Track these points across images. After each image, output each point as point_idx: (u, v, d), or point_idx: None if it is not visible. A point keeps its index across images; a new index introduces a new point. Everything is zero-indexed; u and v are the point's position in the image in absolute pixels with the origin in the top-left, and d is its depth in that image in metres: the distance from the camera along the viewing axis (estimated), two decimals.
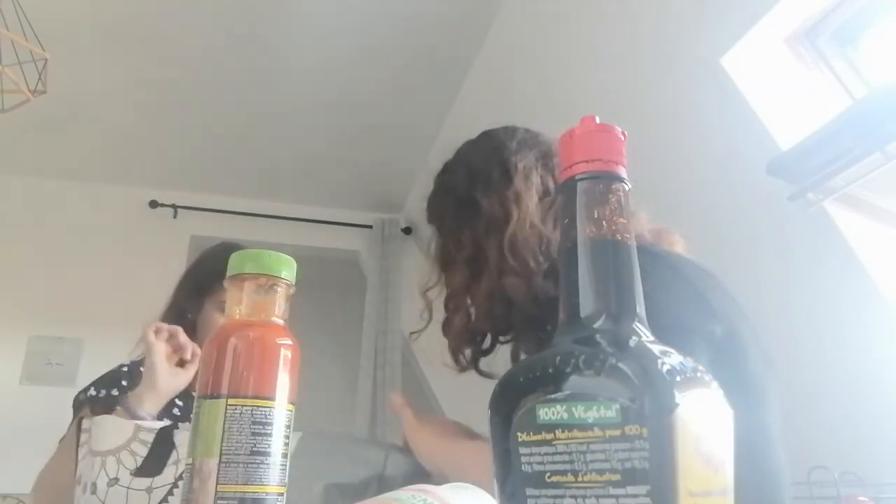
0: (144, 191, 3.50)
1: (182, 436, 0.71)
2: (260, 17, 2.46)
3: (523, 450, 0.31)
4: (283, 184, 3.56)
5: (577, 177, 0.35)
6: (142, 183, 3.49)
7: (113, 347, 1.68)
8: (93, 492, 0.66)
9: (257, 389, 0.44)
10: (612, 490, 0.28)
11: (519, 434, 0.31)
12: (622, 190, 0.35)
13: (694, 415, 0.29)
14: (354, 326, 3.67)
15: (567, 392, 0.30)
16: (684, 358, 0.32)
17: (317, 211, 3.69)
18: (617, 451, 0.28)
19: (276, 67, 2.72)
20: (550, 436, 0.30)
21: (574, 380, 0.30)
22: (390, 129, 3.11)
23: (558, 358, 0.31)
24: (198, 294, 1.42)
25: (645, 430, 0.28)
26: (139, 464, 0.67)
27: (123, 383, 1.30)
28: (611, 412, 0.29)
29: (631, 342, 0.32)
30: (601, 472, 0.29)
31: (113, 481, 0.66)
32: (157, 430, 0.69)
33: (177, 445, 0.69)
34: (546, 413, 0.30)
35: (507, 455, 0.32)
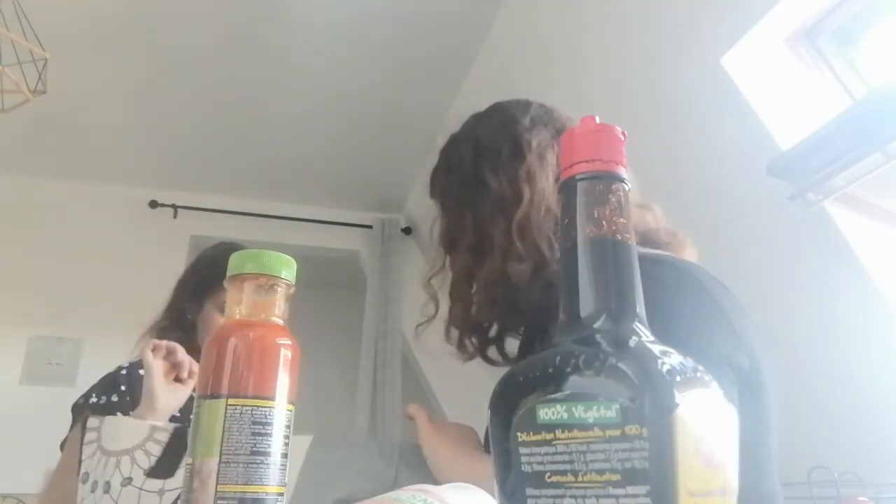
0: (144, 191, 3.49)
1: None
2: (260, 18, 2.46)
3: (523, 450, 0.31)
4: (283, 184, 3.56)
5: (577, 177, 0.35)
6: (142, 183, 3.49)
7: (113, 347, 1.69)
8: (106, 490, 0.66)
9: (257, 389, 0.44)
10: (612, 490, 0.28)
11: (519, 434, 0.31)
12: (622, 190, 0.35)
13: (694, 415, 0.29)
14: (354, 326, 3.67)
15: (567, 392, 0.30)
16: (684, 358, 0.32)
17: (317, 211, 3.69)
18: (617, 451, 0.28)
19: (277, 67, 2.72)
20: (550, 436, 0.30)
21: (574, 380, 0.30)
22: (390, 129, 3.11)
23: (558, 358, 0.31)
24: (197, 295, 1.41)
25: (645, 430, 0.28)
26: (153, 463, 0.67)
27: (122, 388, 1.30)
28: (611, 412, 0.29)
29: (631, 342, 0.32)
30: (601, 472, 0.29)
31: (126, 481, 0.66)
32: (173, 431, 0.69)
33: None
34: (546, 413, 0.30)
35: (507, 455, 0.32)
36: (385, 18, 2.47)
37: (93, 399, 1.31)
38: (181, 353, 1.13)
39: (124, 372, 1.34)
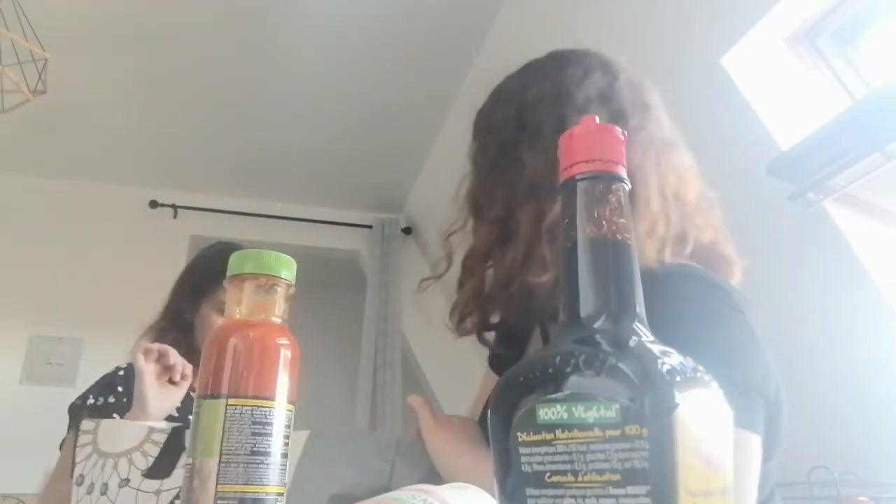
0: (144, 191, 3.50)
1: None
2: (260, 18, 2.46)
3: (523, 450, 0.31)
4: (283, 184, 3.56)
5: (577, 177, 0.36)
6: (142, 183, 3.49)
7: (113, 347, 1.69)
8: (103, 492, 0.66)
9: (257, 389, 0.44)
10: (612, 490, 0.28)
11: (519, 434, 0.31)
12: (622, 190, 0.35)
13: (694, 415, 0.29)
14: (354, 327, 3.67)
15: (567, 392, 0.30)
16: (684, 358, 0.32)
17: (317, 211, 3.69)
18: (617, 451, 0.28)
19: (277, 68, 2.72)
20: (550, 436, 0.30)
21: (574, 380, 0.30)
22: (390, 130, 3.11)
23: (558, 358, 0.31)
24: (195, 295, 1.42)
25: (645, 430, 0.28)
26: (150, 464, 0.67)
27: (119, 389, 1.30)
28: (611, 412, 0.29)
29: (631, 342, 0.32)
30: (601, 472, 0.29)
31: (124, 482, 0.65)
32: (171, 431, 0.69)
33: (187, 447, 0.71)
34: (546, 413, 0.30)
35: (507, 455, 0.32)
36: (385, 19, 2.47)
37: (90, 400, 1.31)
38: (173, 356, 1.13)
39: (121, 373, 1.34)
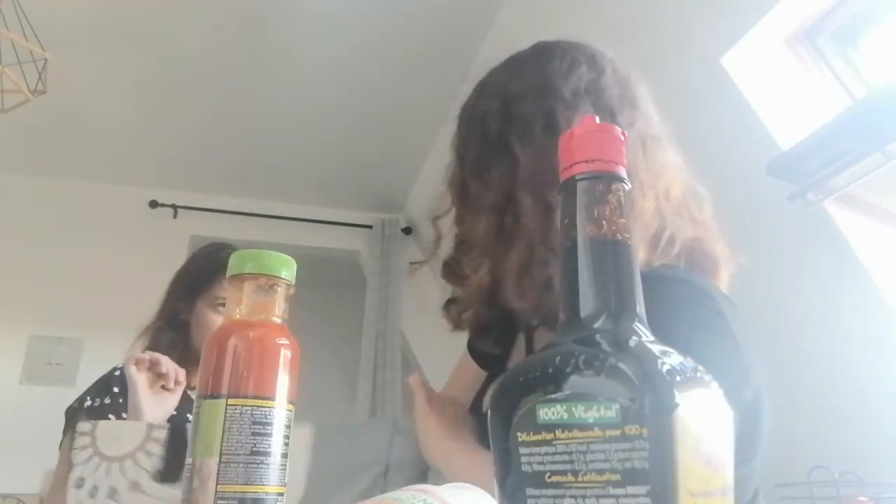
0: (144, 191, 3.50)
1: None
2: (260, 18, 2.46)
3: (523, 450, 0.31)
4: (283, 184, 3.56)
5: (577, 177, 0.36)
6: (142, 183, 3.49)
7: (113, 347, 1.69)
8: (110, 496, 0.65)
9: (257, 389, 0.44)
10: (612, 490, 0.28)
11: (519, 434, 0.31)
12: (622, 190, 0.35)
13: (694, 415, 0.29)
14: (354, 326, 3.67)
15: (567, 392, 0.30)
16: (684, 358, 0.32)
17: (317, 211, 3.69)
18: (617, 451, 0.28)
19: (277, 68, 2.72)
20: (550, 436, 0.30)
21: (574, 380, 0.30)
22: (390, 130, 3.11)
23: (558, 358, 0.31)
24: (190, 294, 1.43)
25: (645, 430, 0.28)
26: (158, 465, 0.65)
27: (115, 389, 1.30)
28: (611, 412, 0.29)
29: (631, 342, 0.32)
30: (601, 472, 0.29)
31: (133, 485, 0.64)
32: (171, 429, 0.68)
33: (188, 447, 0.69)
34: (546, 413, 0.30)
35: (507, 455, 0.32)
36: (385, 19, 2.47)
37: (87, 402, 1.31)
38: (164, 364, 1.13)
39: (117, 373, 1.34)
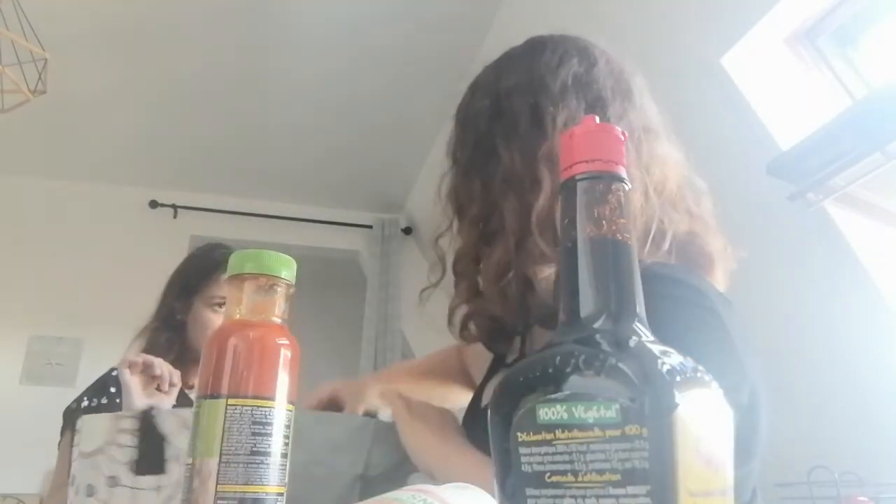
0: (144, 191, 3.50)
1: (168, 422, 0.64)
2: (260, 18, 2.46)
3: (523, 450, 0.31)
4: (283, 184, 3.56)
5: (577, 177, 0.36)
6: (142, 183, 3.49)
7: (113, 347, 1.69)
8: (90, 493, 0.64)
9: (257, 389, 0.44)
10: (612, 490, 0.28)
11: (519, 434, 0.31)
12: (622, 190, 0.35)
13: (694, 415, 0.29)
14: (354, 326, 3.67)
15: (567, 392, 0.30)
16: (684, 358, 0.32)
17: (317, 211, 3.69)
18: (617, 451, 0.28)
19: (277, 67, 2.72)
20: (550, 436, 0.30)
21: (574, 380, 0.30)
22: (390, 130, 3.11)
23: (558, 358, 0.31)
24: (186, 294, 1.43)
25: (645, 430, 0.28)
26: (134, 456, 0.63)
27: (112, 389, 1.31)
28: (611, 412, 0.29)
29: (631, 342, 0.32)
30: (601, 472, 0.29)
31: (111, 480, 0.63)
32: (140, 416, 0.64)
33: (166, 435, 0.64)
34: (546, 413, 0.30)
35: (507, 455, 0.32)
36: (385, 21, 2.47)
37: (84, 403, 1.32)
38: (158, 367, 1.12)
39: (115, 374, 1.34)
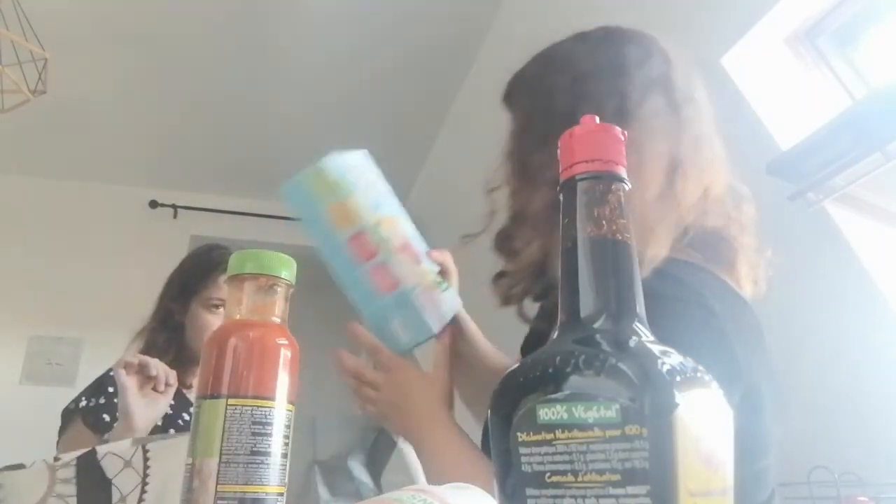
0: (144, 191, 3.50)
1: (114, 463, 0.55)
2: (261, 15, 2.46)
3: (523, 450, 0.31)
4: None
5: (578, 177, 0.36)
6: (142, 183, 3.49)
7: (113, 347, 1.69)
8: None
9: (257, 389, 0.44)
10: (612, 490, 0.28)
11: (519, 434, 0.31)
12: (622, 190, 0.35)
13: (694, 415, 0.29)
14: None
15: (567, 392, 0.30)
16: (684, 358, 0.32)
17: None
18: (617, 451, 0.28)
19: (277, 66, 2.72)
20: (550, 436, 0.30)
21: (574, 380, 0.30)
22: (391, 129, 3.11)
23: (558, 358, 0.31)
24: (183, 295, 1.43)
25: (645, 430, 0.28)
26: None
27: (109, 389, 1.31)
28: (611, 412, 0.29)
29: (631, 342, 0.32)
30: (601, 472, 0.29)
31: None
32: (76, 461, 0.55)
33: (112, 479, 0.55)
34: (546, 413, 0.30)
35: (507, 455, 0.32)
36: (384, 19, 2.47)
37: (82, 403, 1.32)
38: (154, 367, 1.12)
39: (112, 373, 1.35)
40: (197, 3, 2.40)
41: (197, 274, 1.43)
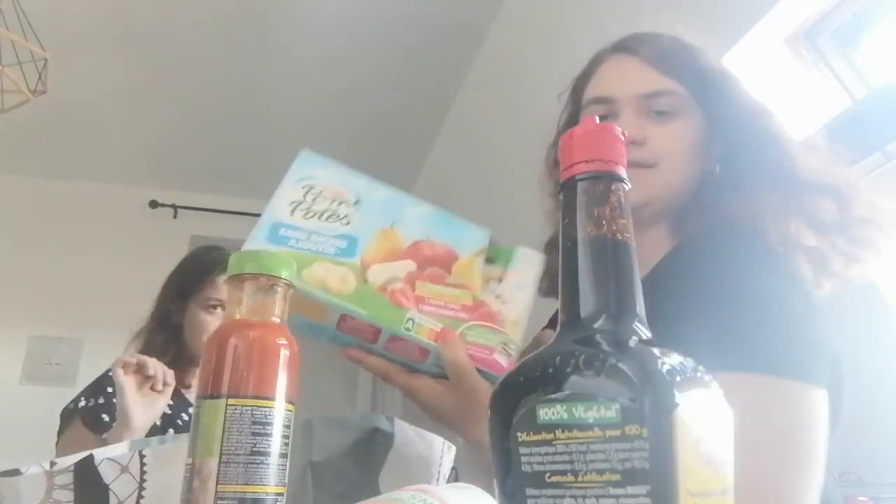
0: (144, 191, 3.50)
1: (111, 469, 0.54)
2: (261, 14, 2.46)
3: (523, 450, 0.31)
4: None
5: (578, 177, 0.36)
6: (142, 183, 3.49)
7: (113, 347, 1.69)
8: None
9: (257, 389, 0.44)
10: (612, 490, 0.28)
11: (519, 434, 0.31)
12: (622, 190, 0.35)
13: (694, 415, 0.29)
14: None
15: (567, 392, 0.30)
16: (684, 358, 0.32)
17: None
18: (617, 451, 0.28)
19: (277, 67, 2.72)
20: (550, 436, 0.30)
21: (574, 380, 0.30)
22: (391, 129, 3.11)
23: (558, 358, 0.31)
24: (181, 296, 1.43)
25: (645, 430, 0.28)
26: None
27: (108, 389, 1.31)
28: (611, 412, 0.29)
29: (631, 342, 0.32)
30: (601, 472, 0.29)
31: None
32: (74, 467, 0.55)
33: (109, 484, 0.54)
34: (546, 413, 0.30)
35: (507, 455, 0.32)
36: (385, 19, 2.47)
37: (81, 403, 1.32)
38: (152, 367, 1.12)
39: (111, 373, 1.35)
40: (197, 4, 2.41)
41: (195, 275, 1.43)
